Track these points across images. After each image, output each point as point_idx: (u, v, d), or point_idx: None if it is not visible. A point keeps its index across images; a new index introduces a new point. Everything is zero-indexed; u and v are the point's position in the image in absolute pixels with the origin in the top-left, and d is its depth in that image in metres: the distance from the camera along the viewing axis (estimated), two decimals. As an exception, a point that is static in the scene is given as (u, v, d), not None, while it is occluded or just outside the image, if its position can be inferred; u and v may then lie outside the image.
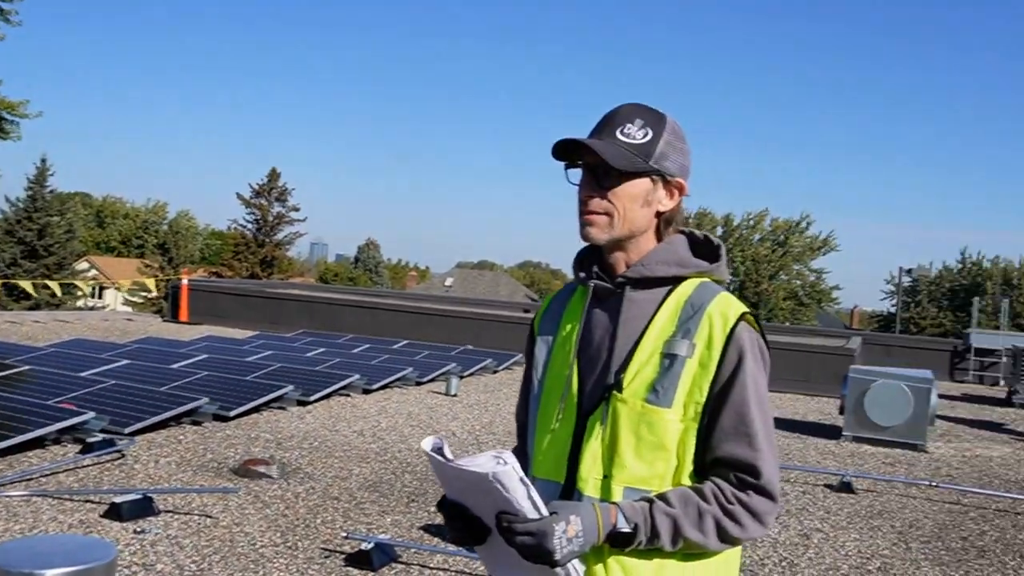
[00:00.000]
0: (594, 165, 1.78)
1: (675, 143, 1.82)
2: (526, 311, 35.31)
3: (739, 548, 1.82)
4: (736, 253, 49.41)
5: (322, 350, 15.08)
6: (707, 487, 1.72)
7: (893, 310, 47.61)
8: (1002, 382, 21.25)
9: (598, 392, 1.78)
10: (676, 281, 1.82)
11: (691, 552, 1.73)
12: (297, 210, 50.24)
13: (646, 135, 1.78)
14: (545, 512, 1.59)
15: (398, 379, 12.72)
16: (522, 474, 1.57)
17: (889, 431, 10.76)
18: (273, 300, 22.06)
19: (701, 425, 1.73)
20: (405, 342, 18.11)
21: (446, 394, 12.36)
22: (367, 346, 16.61)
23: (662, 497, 1.71)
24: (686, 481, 1.75)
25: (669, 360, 1.73)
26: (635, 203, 1.78)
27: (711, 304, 1.77)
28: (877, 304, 56.57)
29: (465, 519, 1.70)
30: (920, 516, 7.38)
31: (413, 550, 5.51)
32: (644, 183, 1.79)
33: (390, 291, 49.90)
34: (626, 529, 1.66)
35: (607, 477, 1.74)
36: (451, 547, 5.65)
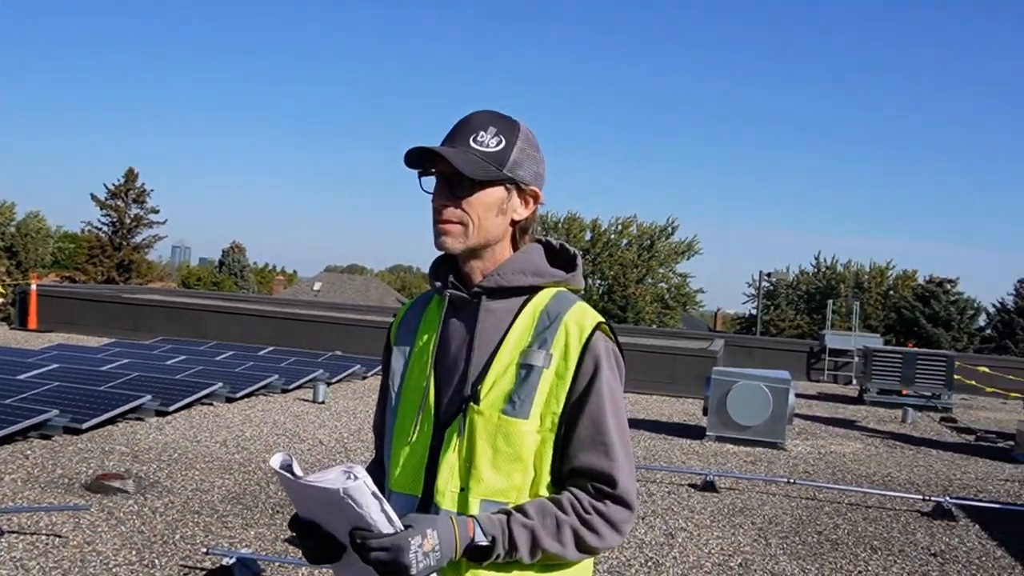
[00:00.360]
0: (447, 174, 1.75)
1: (528, 151, 1.80)
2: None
3: (593, 557, 1.82)
4: (604, 258, 50.38)
5: (183, 358, 14.52)
6: (564, 497, 1.72)
7: (754, 312, 49.47)
8: (854, 381, 22.34)
9: (455, 404, 1.76)
10: (532, 291, 1.81)
11: (549, 563, 1.72)
12: (156, 212, 48.51)
13: (499, 143, 1.76)
14: (400, 526, 1.57)
15: (263, 387, 12.36)
16: (374, 488, 1.53)
17: (750, 430, 11.13)
18: (131, 306, 21.14)
19: (558, 436, 1.72)
20: (271, 348, 17.65)
21: (313, 401, 12.10)
22: (231, 353, 16.10)
23: (519, 509, 1.69)
24: (543, 492, 1.74)
25: (526, 371, 1.72)
26: (489, 212, 1.77)
27: (567, 314, 1.76)
28: (739, 307, 58.65)
29: (318, 537, 1.65)
30: (779, 512, 7.64)
31: (277, 564, 5.33)
32: (498, 192, 1.77)
33: (256, 296, 48.67)
34: (484, 542, 1.64)
35: (464, 490, 1.71)
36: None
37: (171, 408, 10.06)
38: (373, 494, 1.52)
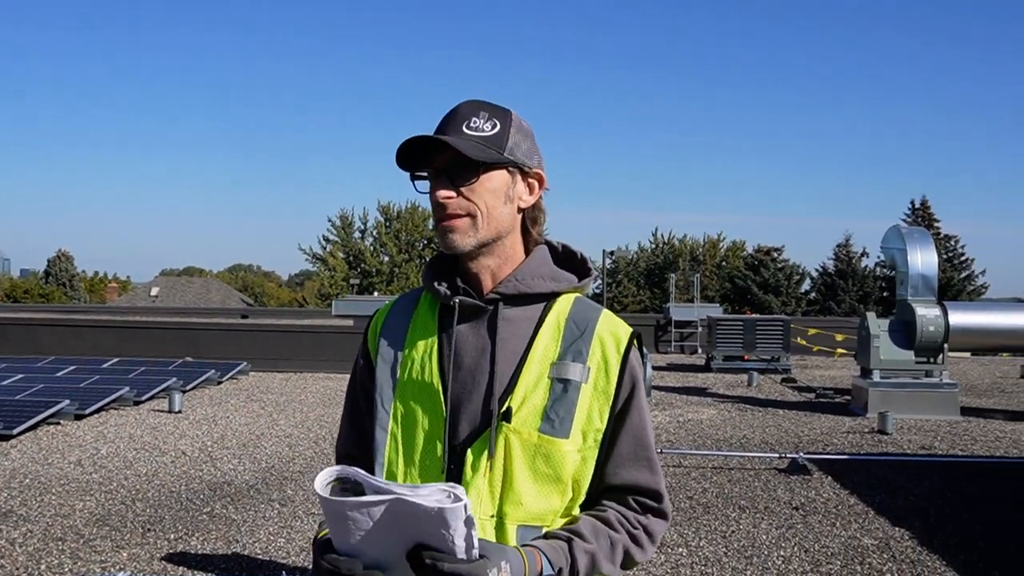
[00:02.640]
0: (446, 166, 1.62)
1: (524, 136, 1.69)
2: (244, 316, 34.06)
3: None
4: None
5: (19, 376, 13.64)
6: (611, 515, 1.64)
7: (599, 291, 50.73)
8: (699, 350, 23.33)
9: (477, 422, 1.61)
10: (550, 297, 1.69)
11: None
12: (-28, 223, 45.25)
13: (494, 127, 1.64)
14: (477, 555, 1.40)
15: (114, 400, 11.78)
16: (471, 513, 1.37)
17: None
18: (-47, 325, 19.68)
19: (600, 453, 1.63)
20: (116, 359, 16.81)
21: (169, 411, 11.63)
22: (72, 368, 15.25)
23: (576, 532, 1.59)
24: (576, 513, 1.65)
25: (562, 386, 1.60)
26: (496, 199, 1.63)
27: (598, 324, 1.67)
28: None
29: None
30: (650, 482, 7.90)
31: (158, 584, 5.12)
32: (502, 176, 1.64)
33: (90, 306, 46.23)
34: (551, 574, 1.52)
35: (499, 516, 1.58)
36: (199, 574, 5.31)
37: (15, 431, 9.45)
38: (466, 520, 1.37)
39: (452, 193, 1.61)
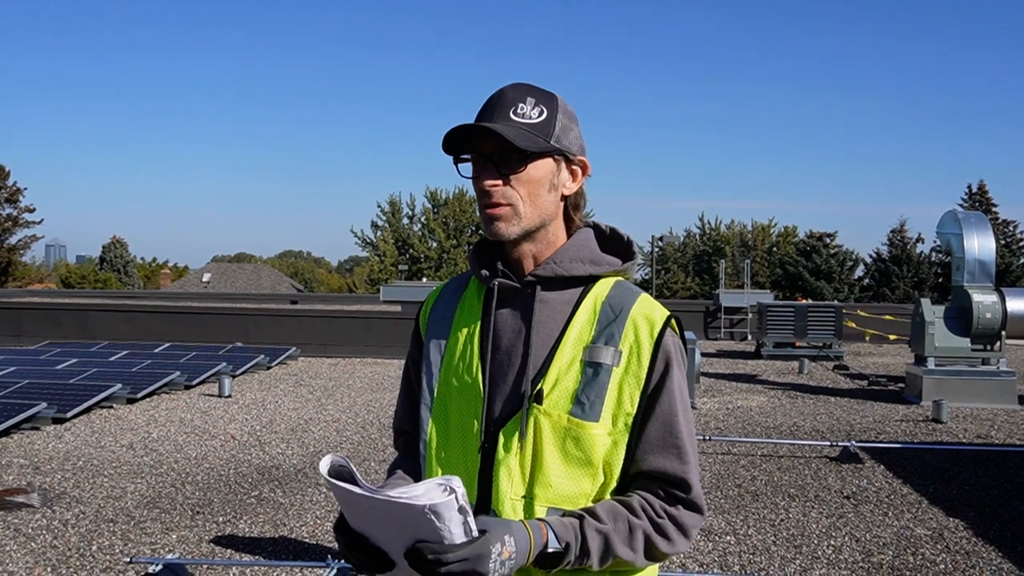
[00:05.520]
0: (491, 152, 1.61)
1: (570, 122, 1.67)
2: (294, 302, 34.39)
3: (658, 564, 1.71)
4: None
5: (74, 361, 13.92)
6: (635, 500, 1.60)
7: (648, 277, 50.42)
8: (749, 337, 23.05)
9: (511, 403, 1.62)
10: (590, 280, 1.68)
11: (616, 570, 1.61)
12: (32, 211, 46.33)
13: (541, 113, 1.62)
14: (476, 532, 1.40)
15: (165, 385, 11.96)
16: (464, 502, 1.37)
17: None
18: (11, 310, 20.15)
19: (631, 438, 1.61)
20: (167, 345, 17.09)
21: (219, 396, 11.78)
22: (125, 352, 15.52)
23: (590, 512, 1.57)
24: (607, 497, 1.62)
25: (593, 369, 1.59)
26: (541, 188, 1.63)
27: (634, 307, 1.64)
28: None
29: (366, 549, 1.49)
30: (697, 469, 7.81)
31: (206, 566, 5.17)
32: (548, 164, 1.63)
33: (144, 291, 47.06)
34: (557, 548, 1.51)
35: (528, 497, 1.58)
36: (246, 558, 5.36)
37: (69, 414, 9.64)
38: (460, 509, 1.37)
39: (498, 181, 1.62)
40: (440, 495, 1.34)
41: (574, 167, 1.68)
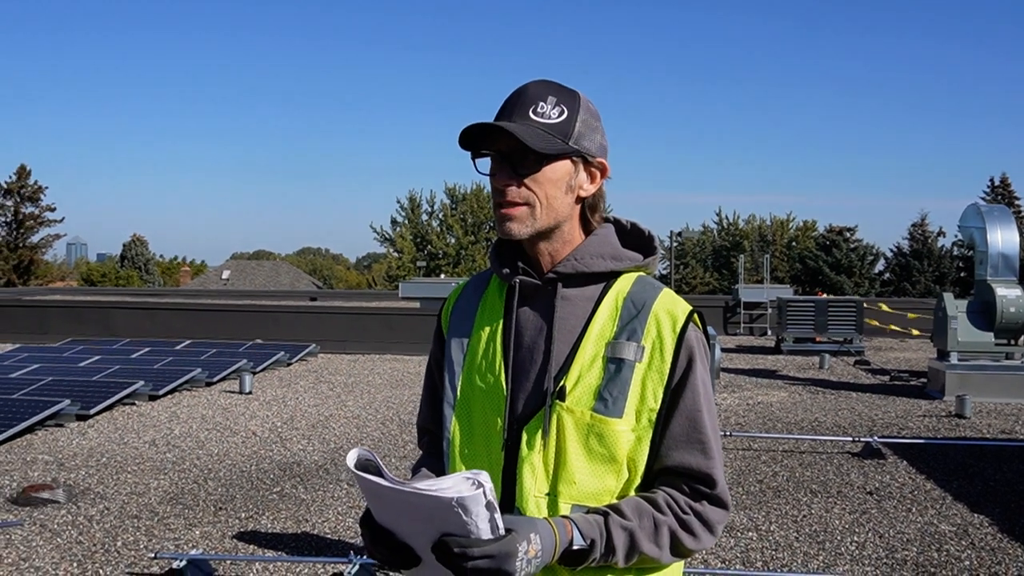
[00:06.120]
0: (508, 151, 1.59)
1: (592, 121, 1.65)
2: (313, 299, 34.53)
3: (684, 560, 1.71)
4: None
5: (97, 358, 14.04)
6: (660, 496, 1.60)
7: (667, 272, 50.28)
8: (769, 332, 22.95)
9: (534, 400, 1.62)
10: (611, 276, 1.67)
11: (642, 567, 1.61)
12: (53, 210, 46.71)
13: (561, 113, 1.60)
14: (503, 531, 1.40)
15: (186, 381, 12.04)
16: (492, 497, 1.37)
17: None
18: (34, 308, 20.36)
19: (655, 434, 1.60)
20: (188, 342, 17.20)
21: (240, 392, 11.84)
22: (147, 349, 15.64)
23: (615, 508, 1.56)
24: (632, 494, 1.62)
25: (615, 365, 1.58)
26: (557, 189, 1.61)
27: (656, 303, 1.63)
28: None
29: (392, 544, 1.49)
30: (718, 465, 7.78)
31: (229, 561, 5.20)
32: (565, 166, 1.62)
33: (164, 289, 47.37)
34: (582, 546, 1.51)
35: (552, 494, 1.58)
36: (269, 553, 5.39)
37: (92, 411, 9.72)
38: (487, 504, 1.37)
39: (513, 181, 1.61)
40: (468, 488, 1.34)
41: (593, 168, 1.66)
